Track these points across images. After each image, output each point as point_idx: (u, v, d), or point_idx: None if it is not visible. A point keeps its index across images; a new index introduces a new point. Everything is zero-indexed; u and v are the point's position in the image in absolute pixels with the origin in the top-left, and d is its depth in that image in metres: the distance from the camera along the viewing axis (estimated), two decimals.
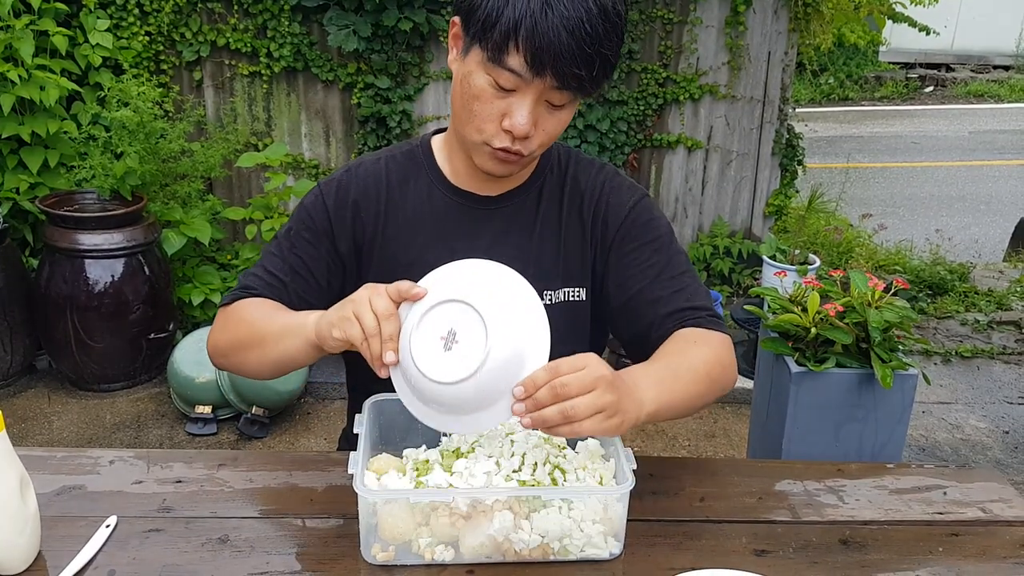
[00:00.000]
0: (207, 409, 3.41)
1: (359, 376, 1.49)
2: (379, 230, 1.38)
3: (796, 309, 2.38)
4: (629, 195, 1.41)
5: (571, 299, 1.40)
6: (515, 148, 1.23)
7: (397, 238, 1.38)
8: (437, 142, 1.43)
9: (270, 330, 1.26)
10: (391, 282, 1.36)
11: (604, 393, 1.02)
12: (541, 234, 1.39)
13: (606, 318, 1.44)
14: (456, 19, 1.24)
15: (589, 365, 1.02)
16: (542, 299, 1.35)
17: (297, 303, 1.35)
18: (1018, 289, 4.83)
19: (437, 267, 1.25)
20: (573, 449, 1.24)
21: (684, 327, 1.31)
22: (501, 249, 1.37)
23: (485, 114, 1.22)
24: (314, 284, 1.37)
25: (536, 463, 1.14)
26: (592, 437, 1.15)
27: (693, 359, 1.24)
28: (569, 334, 1.40)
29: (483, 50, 1.17)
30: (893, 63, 11.30)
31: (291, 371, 1.31)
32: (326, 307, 1.35)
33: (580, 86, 1.18)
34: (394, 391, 1.13)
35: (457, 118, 1.28)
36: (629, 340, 1.39)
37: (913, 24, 5.95)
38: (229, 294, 1.38)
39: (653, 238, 1.38)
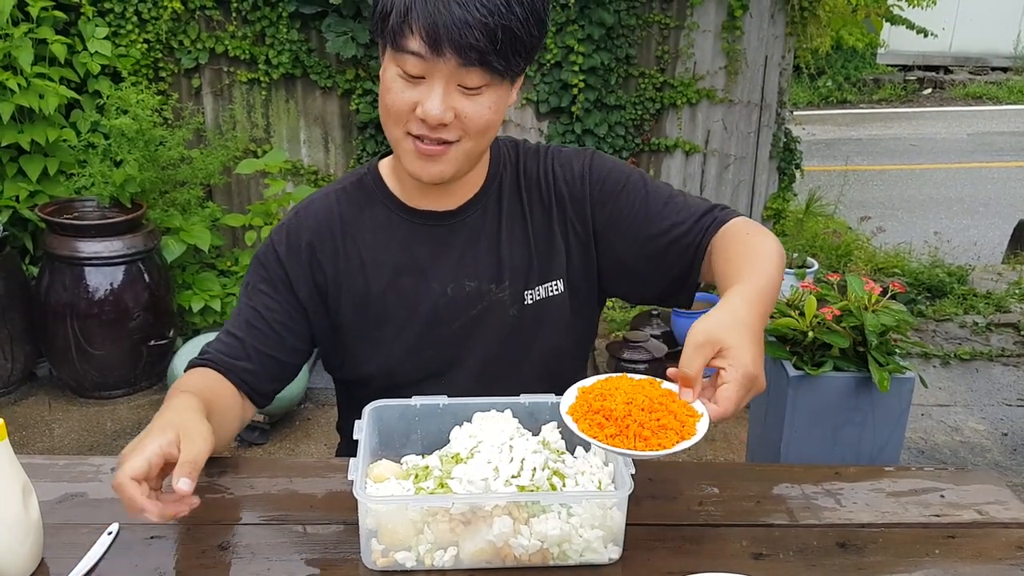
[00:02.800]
0: None
1: (351, 396, 1.48)
2: (340, 267, 1.36)
3: (793, 313, 2.39)
4: (578, 161, 1.39)
5: (551, 294, 1.39)
6: (435, 136, 1.20)
7: (363, 270, 1.35)
8: (385, 167, 1.40)
9: None
10: (368, 315, 1.36)
11: (745, 385, 1.06)
12: (509, 237, 1.37)
13: (626, 288, 1.43)
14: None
15: (730, 390, 1.06)
16: (522, 300, 1.37)
17: (256, 356, 1.34)
18: (1017, 291, 4.84)
19: (412, 293, 1.32)
20: (572, 454, 1.25)
21: (709, 234, 1.33)
22: (471, 261, 1.35)
23: (399, 105, 1.19)
24: (271, 335, 1.34)
25: (535, 468, 1.15)
26: None
27: (756, 248, 1.26)
28: (552, 329, 1.39)
29: (387, 43, 1.17)
30: (891, 65, 11.32)
31: None
32: (287, 359, 1.37)
33: (484, 60, 1.14)
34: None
35: (384, 123, 1.26)
36: (669, 284, 1.38)
37: (911, 26, 5.97)
38: (190, 361, 1.36)
39: (624, 183, 1.37)
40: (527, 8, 1.15)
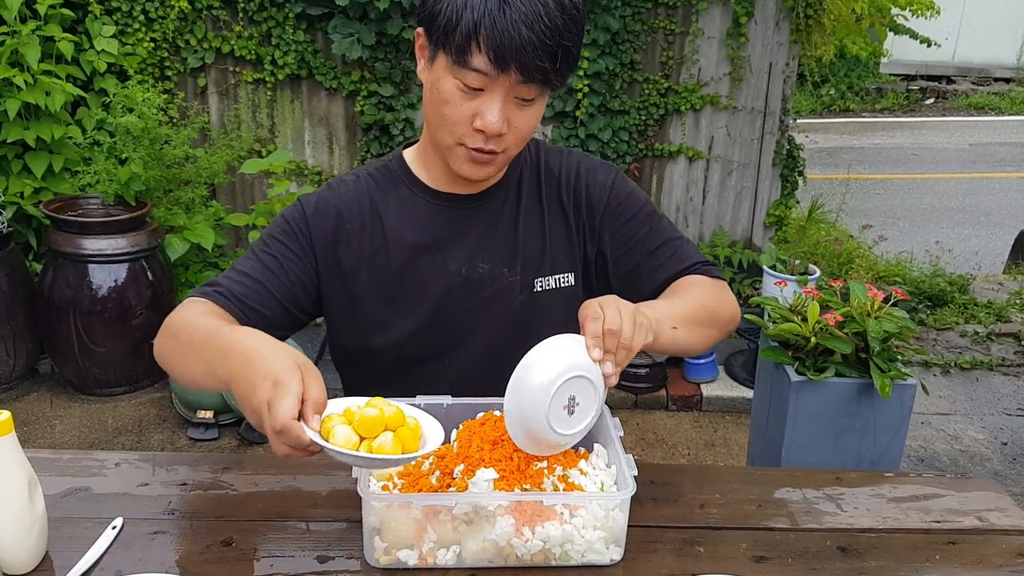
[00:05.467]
0: (209, 414, 3.42)
1: (354, 380, 1.51)
2: (365, 241, 1.39)
3: (796, 319, 2.40)
4: (605, 174, 1.46)
5: (562, 285, 1.44)
6: (489, 147, 1.26)
7: (385, 247, 1.40)
8: (410, 155, 1.45)
9: (200, 342, 1.17)
10: (385, 290, 1.39)
11: (633, 315, 1.16)
12: (526, 226, 1.42)
13: (605, 291, 1.46)
14: (420, 30, 1.28)
15: (610, 304, 1.16)
16: (532, 288, 1.43)
17: (269, 301, 1.32)
18: (1017, 301, 4.85)
19: (428, 271, 1.36)
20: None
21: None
22: (489, 245, 1.40)
23: (456, 116, 1.25)
24: (285, 282, 1.35)
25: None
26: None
27: (692, 294, 1.37)
28: (563, 318, 1.39)
29: (447, 55, 1.21)
30: (894, 75, 11.34)
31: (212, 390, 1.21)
32: (291, 318, 1.36)
33: (545, 78, 1.21)
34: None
35: (430, 125, 1.32)
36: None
37: (914, 36, 5.98)
38: (193, 291, 1.32)
39: (638, 211, 1.45)
40: (579, 25, 1.23)
